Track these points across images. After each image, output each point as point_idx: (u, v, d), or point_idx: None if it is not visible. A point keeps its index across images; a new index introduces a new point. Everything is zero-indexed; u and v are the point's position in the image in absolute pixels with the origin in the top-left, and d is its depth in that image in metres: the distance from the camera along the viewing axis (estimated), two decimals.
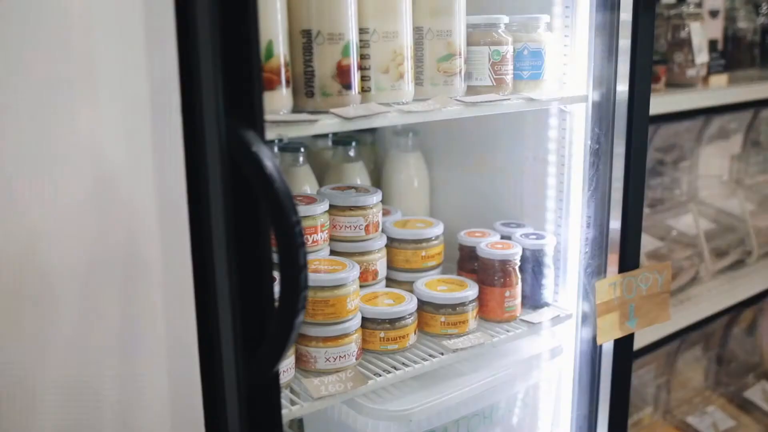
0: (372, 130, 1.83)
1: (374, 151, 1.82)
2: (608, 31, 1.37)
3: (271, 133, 1.00)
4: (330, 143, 1.73)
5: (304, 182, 1.55)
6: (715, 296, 2.14)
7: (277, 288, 0.92)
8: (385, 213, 1.56)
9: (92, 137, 0.87)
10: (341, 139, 1.67)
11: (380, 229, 1.45)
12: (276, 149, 1.62)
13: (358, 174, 1.66)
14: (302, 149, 1.55)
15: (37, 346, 0.88)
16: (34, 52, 0.83)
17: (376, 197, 1.42)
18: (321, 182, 1.62)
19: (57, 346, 0.89)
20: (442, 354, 1.34)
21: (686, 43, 2.02)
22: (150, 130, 0.90)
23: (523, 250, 1.49)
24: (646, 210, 1.86)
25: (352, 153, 1.66)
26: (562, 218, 1.53)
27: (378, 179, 1.77)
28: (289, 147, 1.56)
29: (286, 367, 1.21)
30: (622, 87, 1.37)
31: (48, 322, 0.88)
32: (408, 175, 1.73)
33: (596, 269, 1.48)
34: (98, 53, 0.86)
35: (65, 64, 0.84)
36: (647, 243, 2.09)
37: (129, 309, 0.94)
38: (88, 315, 0.91)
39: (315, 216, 1.33)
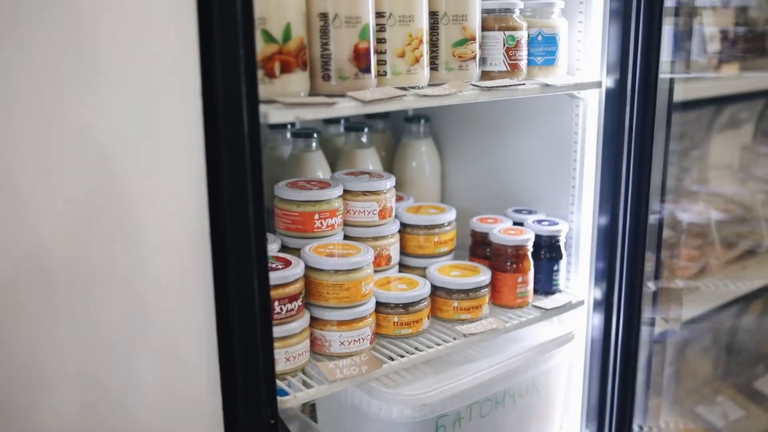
0: (384, 117, 1.83)
1: (386, 138, 1.82)
2: (623, 17, 1.37)
3: (288, 115, 1.01)
4: (342, 129, 1.73)
5: (317, 168, 1.55)
6: (724, 286, 2.14)
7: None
8: (398, 199, 1.57)
9: (97, 125, 0.88)
10: (353, 126, 1.67)
11: (394, 214, 1.45)
12: (289, 135, 1.63)
13: (370, 160, 1.66)
14: (315, 135, 1.56)
15: (42, 337, 0.89)
16: (41, 40, 0.83)
17: (390, 182, 1.42)
18: (333, 169, 1.62)
19: (63, 337, 0.90)
20: (455, 339, 1.35)
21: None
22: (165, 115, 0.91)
23: (536, 236, 1.49)
24: None
25: (364, 139, 1.66)
26: (574, 205, 1.53)
27: (390, 166, 1.77)
28: (302, 132, 1.56)
29: (301, 351, 1.21)
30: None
31: (54, 313, 0.89)
32: (420, 162, 1.73)
33: None
34: (108, 41, 0.87)
35: (78, 53, 0.85)
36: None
37: (138, 297, 0.94)
38: (96, 305, 0.92)
39: (330, 200, 1.33)
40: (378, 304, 1.31)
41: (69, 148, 0.85)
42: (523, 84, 1.31)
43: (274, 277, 1.16)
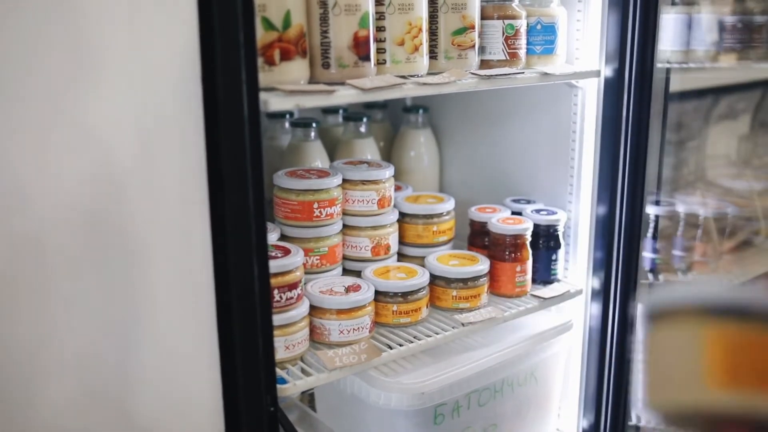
0: (383, 107, 1.83)
1: (384, 128, 1.82)
2: (621, 6, 1.36)
3: (288, 103, 1.01)
4: (341, 119, 1.73)
5: (316, 157, 1.55)
6: (722, 276, 2.15)
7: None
8: (397, 189, 1.57)
9: (96, 115, 0.88)
10: (352, 115, 1.67)
11: (392, 203, 1.45)
12: (288, 124, 1.63)
13: (368, 150, 1.66)
14: (314, 124, 1.55)
15: (40, 327, 0.88)
16: (44, 34, 0.83)
17: (389, 171, 1.42)
18: (332, 158, 1.62)
19: (61, 327, 0.90)
20: (454, 328, 1.35)
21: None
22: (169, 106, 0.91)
23: (534, 225, 1.49)
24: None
25: (362, 129, 1.66)
26: (572, 194, 1.53)
27: (388, 156, 1.77)
28: (300, 122, 1.56)
29: (300, 339, 1.22)
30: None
31: (52, 303, 0.89)
32: (418, 152, 1.73)
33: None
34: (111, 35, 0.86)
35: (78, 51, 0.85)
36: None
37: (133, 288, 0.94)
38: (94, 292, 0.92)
39: (329, 189, 1.33)
40: (377, 293, 1.31)
41: (68, 139, 0.85)
42: (522, 73, 1.31)
43: (274, 265, 1.16)
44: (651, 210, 1.88)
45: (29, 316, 0.87)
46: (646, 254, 1.87)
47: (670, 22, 1.84)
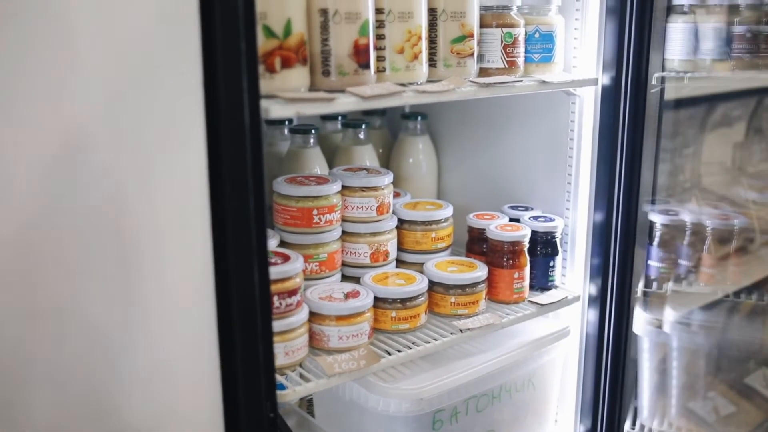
0: (381, 114, 1.83)
1: (383, 135, 1.83)
2: (619, 14, 1.38)
3: (289, 110, 1.01)
4: (339, 126, 1.74)
5: (315, 164, 1.56)
6: (716, 283, 2.16)
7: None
8: (395, 195, 1.57)
9: (95, 119, 0.88)
10: (351, 122, 1.68)
11: (391, 210, 1.45)
12: (287, 131, 1.63)
13: (367, 157, 1.67)
14: (313, 131, 1.56)
15: (34, 331, 0.89)
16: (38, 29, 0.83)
17: (388, 178, 1.43)
18: (331, 165, 1.63)
19: (57, 329, 0.90)
20: (452, 334, 1.36)
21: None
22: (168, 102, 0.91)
23: (532, 232, 1.50)
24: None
25: (361, 136, 1.67)
26: (570, 201, 1.54)
27: (387, 162, 1.78)
28: (300, 129, 1.56)
29: (300, 345, 1.22)
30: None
31: (47, 306, 0.89)
32: (417, 159, 1.74)
33: None
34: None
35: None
36: None
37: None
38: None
39: (328, 196, 1.33)
40: (376, 299, 1.32)
41: (66, 141, 0.86)
42: (521, 81, 1.32)
43: (274, 272, 1.17)
44: (656, 218, 1.88)
45: (25, 320, 0.88)
46: (651, 263, 1.88)
47: (677, 31, 1.85)
